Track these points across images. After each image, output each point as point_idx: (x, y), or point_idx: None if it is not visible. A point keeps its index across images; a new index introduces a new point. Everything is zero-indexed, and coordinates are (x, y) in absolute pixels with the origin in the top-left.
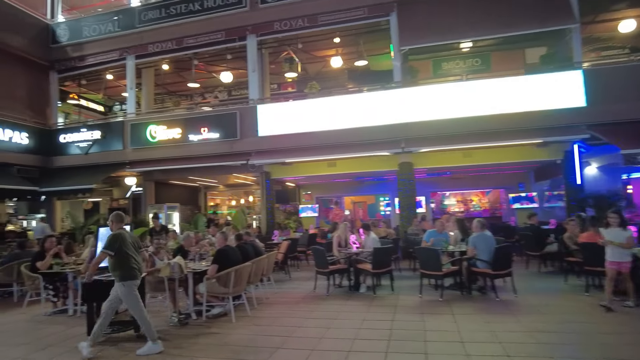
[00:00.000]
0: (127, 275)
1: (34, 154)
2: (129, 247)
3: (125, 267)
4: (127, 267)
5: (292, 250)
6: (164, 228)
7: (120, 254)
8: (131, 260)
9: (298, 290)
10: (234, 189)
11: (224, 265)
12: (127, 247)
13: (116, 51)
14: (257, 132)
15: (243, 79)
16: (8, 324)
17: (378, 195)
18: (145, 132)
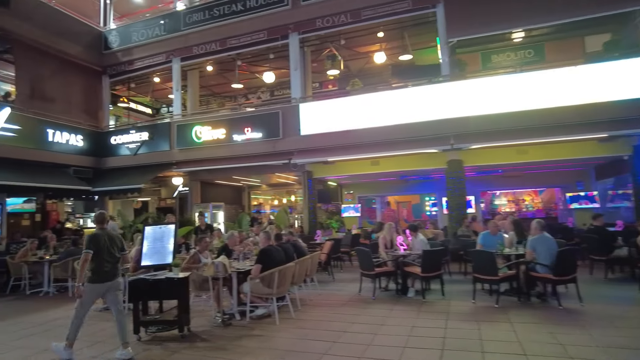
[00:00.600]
0: (91, 278)
1: (88, 155)
2: (100, 250)
3: (92, 269)
4: (93, 269)
5: (336, 250)
6: (209, 227)
7: (92, 255)
8: (101, 264)
9: (342, 292)
10: (276, 188)
11: (268, 265)
12: (100, 250)
13: (163, 54)
14: (299, 131)
15: (285, 78)
16: (62, 318)
17: (423, 195)
18: (190, 132)
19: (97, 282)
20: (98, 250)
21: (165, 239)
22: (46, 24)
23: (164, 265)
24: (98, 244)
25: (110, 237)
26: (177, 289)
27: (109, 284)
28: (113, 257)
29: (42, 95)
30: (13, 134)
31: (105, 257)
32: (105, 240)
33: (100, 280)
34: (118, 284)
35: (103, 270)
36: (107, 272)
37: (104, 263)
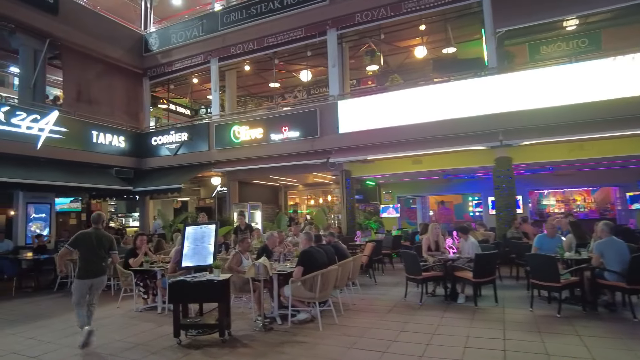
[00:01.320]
0: (78, 273)
1: (129, 156)
2: (87, 249)
3: (80, 266)
4: (80, 266)
5: (377, 252)
6: (249, 227)
7: (80, 253)
8: (87, 262)
9: (386, 297)
10: (313, 188)
11: (309, 267)
12: (85, 248)
13: (201, 55)
14: (337, 129)
15: (322, 76)
16: (105, 318)
17: (466, 195)
18: (229, 132)
19: (82, 278)
20: (84, 249)
21: (206, 240)
22: (91, 29)
23: (204, 266)
24: (83, 242)
25: (99, 237)
26: (218, 291)
27: (93, 280)
28: (98, 256)
29: (87, 98)
30: (60, 136)
31: (91, 255)
32: (93, 239)
33: (86, 276)
34: (102, 281)
35: (88, 267)
36: (92, 270)
37: (89, 261)
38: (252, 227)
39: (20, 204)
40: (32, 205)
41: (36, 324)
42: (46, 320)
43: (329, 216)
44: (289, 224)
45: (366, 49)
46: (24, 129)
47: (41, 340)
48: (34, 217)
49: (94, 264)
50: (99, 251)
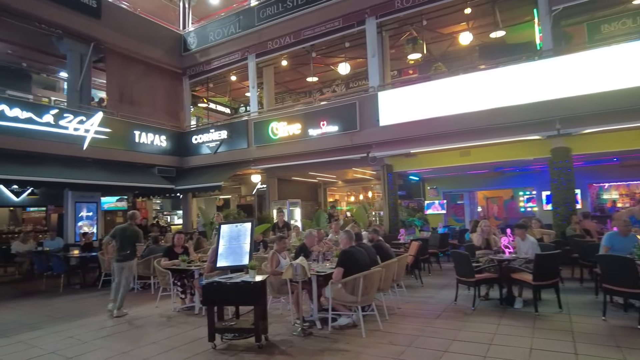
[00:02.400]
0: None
1: (171, 155)
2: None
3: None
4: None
5: (423, 252)
6: (287, 224)
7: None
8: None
9: (434, 300)
10: (353, 184)
11: (350, 268)
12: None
13: (238, 52)
14: (378, 122)
15: (360, 69)
16: (142, 318)
17: (517, 189)
18: (267, 129)
19: (116, 262)
20: (118, 239)
21: (241, 238)
22: (132, 31)
23: (240, 266)
24: (118, 234)
25: (130, 230)
26: (254, 294)
27: (123, 264)
28: (128, 245)
29: (129, 99)
30: (105, 136)
31: (123, 244)
32: (126, 232)
33: (117, 260)
34: (130, 265)
35: (120, 253)
36: (123, 256)
37: (121, 248)
38: (291, 224)
39: (69, 203)
40: (80, 204)
41: (77, 323)
42: (87, 318)
43: (369, 213)
44: (328, 220)
45: (407, 37)
46: (71, 131)
47: (80, 339)
48: (82, 215)
49: (124, 251)
50: (129, 242)
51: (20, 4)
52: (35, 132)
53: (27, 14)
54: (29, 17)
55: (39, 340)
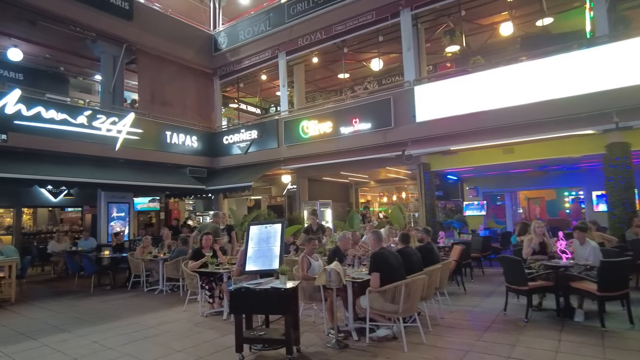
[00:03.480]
0: None
1: (202, 155)
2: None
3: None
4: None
5: (465, 256)
6: (321, 227)
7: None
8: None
9: (481, 309)
10: (386, 184)
11: (386, 272)
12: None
13: (268, 50)
14: (414, 118)
15: (394, 64)
16: (170, 323)
17: (561, 189)
18: (297, 128)
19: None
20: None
21: (271, 240)
22: (163, 32)
23: (269, 271)
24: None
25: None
26: (285, 302)
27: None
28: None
29: (160, 100)
30: (137, 137)
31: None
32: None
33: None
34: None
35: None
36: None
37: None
38: (325, 228)
39: (102, 204)
40: (112, 205)
41: (103, 326)
42: (114, 322)
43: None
44: (361, 222)
45: (444, 29)
46: (104, 132)
47: (104, 345)
48: (114, 216)
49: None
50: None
51: (58, 8)
52: (70, 133)
53: (64, 18)
54: (66, 20)
55: (64, 344)
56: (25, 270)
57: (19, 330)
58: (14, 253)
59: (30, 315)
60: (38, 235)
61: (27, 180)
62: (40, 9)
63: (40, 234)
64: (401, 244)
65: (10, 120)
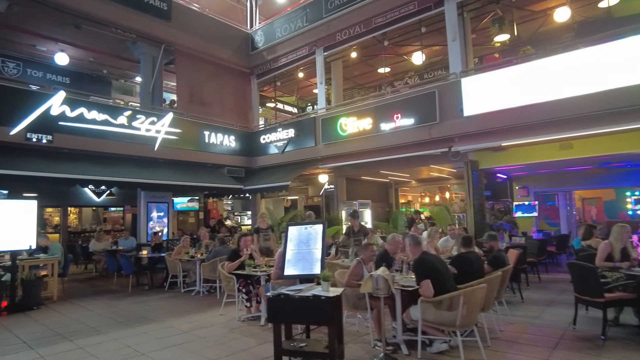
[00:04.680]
0: None
1: (239, 155)
2: None
3: None
4: None
5: (522, 261)
6: (363, 229)
7: None
8: None
9: (543, 321)
10: (428, 183)
11: (437, 279)
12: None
13: (305, 46)
14: (461, 112)
15: (436, 57)
16: (205, 327)
17: (622, 189)
18: (335, 126)
19: None
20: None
21: (312, 243)
22: (201, 32)
23: (310, 276)
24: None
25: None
26: (328, 311)
27: None
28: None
29: (198, 100)
30: (175, 137)
31: None
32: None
33: None
34: None
35: None
36: None
37: None
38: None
39: (142, 203)
40: (152, 205)
41: (139, 329)
42: (148, 325)
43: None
44: (406, 225)
45: (492, 17)
46: (144, 132)
47: (137, 350)
48: (153, 215)
49: None
50: None
51: (100, 10)
52: (111, 133)
53: (106, 20)
54: (108, 23)
55: (98, 347)
56: (67, 268)
57: (57, 330)
58: (58, 251)
59: (70, 314)
60: (82, 234)
61: (71, 180)
62: (84, 12)
63: (84, 232)
64: (462, 247)
65: (56, 122)
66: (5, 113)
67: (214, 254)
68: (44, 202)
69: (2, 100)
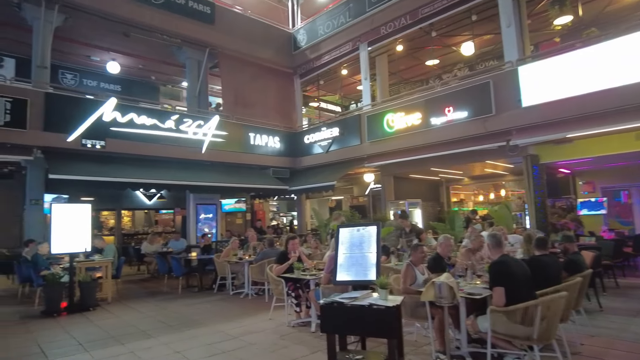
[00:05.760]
0: None
1: (284, 156)
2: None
3: None
4: None
5: (596, 265)
6: (415, 229)
7: None
8: None
9: (630, 335)
10: (481, 180)
11: (511, 287)
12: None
13: (349, 43)
14: (519, 103)
15: (487, 47)
16: (254, 333)
17: None
18: (382, 122)
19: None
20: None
21: (365, 246)
22: (244, 34)
23: (365, 282)
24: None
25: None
26: (386, 322)
27: None
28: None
29: (243, 102)
30: (221, 139)
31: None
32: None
33: None
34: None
35: None
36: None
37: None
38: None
39: (191, 205)
40: (201, 206)
41: (188, 334)
42: (198, 329)
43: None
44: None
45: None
46: (191, 135)
47: (186, 357)
48: (202, 217)
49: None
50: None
51: (146, 18)
52: (159, 137)
53: (153, 27)
54: (154, 29)
55: (148, 352)
56: (119, 270)
57: (110, 332)
58: (112, 253)
59: (122, 316)
60: (135, 236)
61: (122, 184)
62: (132, 20)
63: (137, 234)
64: (537, 250)
65: (108, 127)
66: (63, 121)
67: (262, 256)
68: (99, 206)
69: (61, 110)
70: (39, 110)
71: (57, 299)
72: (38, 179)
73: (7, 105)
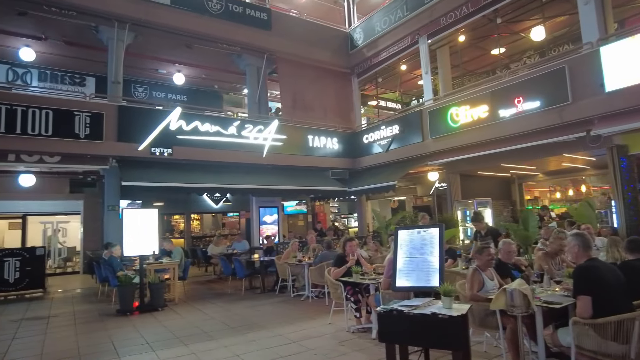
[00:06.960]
0: None
1: (343, 157)
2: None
3: None
4: None
5: None
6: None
7: None
8: None
9: None
10: (557, 176)
11: (601, 296)
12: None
13: (407, 37)
14: (602, 88)
15: (560, 31)
16: (313, 338)
17: None
18: (445, 117)
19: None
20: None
21: (427, 250)
22: (300, 37)
23: (427, 288)
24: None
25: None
26: (451, 332)
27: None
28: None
29: (301, 105)
30: (281, 143)
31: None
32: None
33: None
34: None
35: None
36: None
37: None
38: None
39: (254, 208)
40: (263, 209)
41: (248, 336)
42: (258, 332)
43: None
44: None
45: None
46: (252, 140)
47: None
48: (264, 219)
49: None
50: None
51: (207, 29)
52: (222, 143)
53: (213, 37)
54: (215, 39)
55: (209, 354)
56: (186, 272)
57: (175, 333)
58: (180, 255)
59: (187, 317)
60: (204, 238)
61: (188, 189)
62: (194, 32)
63: (205, 237)
64: (629, 254)
65: (174, 136)
66: (134, 131)
67: (320, 258)
68: (170, 210)
69: (132, 120)
70: (113, 122)
71: (129, 298)
72: (114, 187)
73: (87, 120)
